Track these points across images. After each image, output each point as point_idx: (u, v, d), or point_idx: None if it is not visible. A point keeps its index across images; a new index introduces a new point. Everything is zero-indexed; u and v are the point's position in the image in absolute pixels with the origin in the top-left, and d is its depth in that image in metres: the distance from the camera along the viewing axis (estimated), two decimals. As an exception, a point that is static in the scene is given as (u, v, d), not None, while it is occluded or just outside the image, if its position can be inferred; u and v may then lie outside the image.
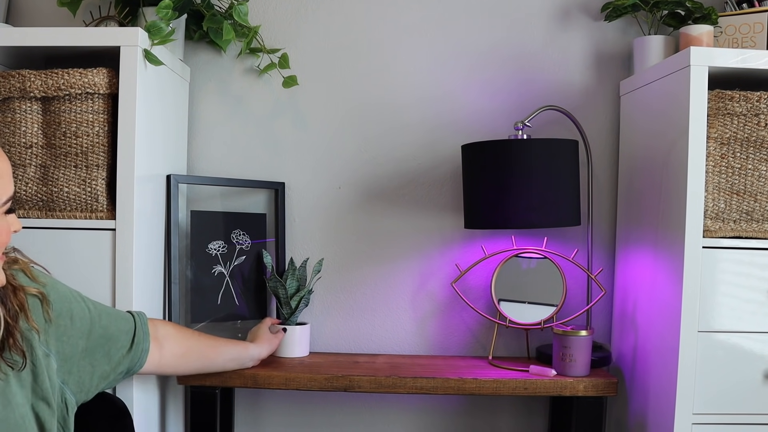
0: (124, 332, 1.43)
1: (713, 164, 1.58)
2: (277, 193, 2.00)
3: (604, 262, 2.00)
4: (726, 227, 1.60)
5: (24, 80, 1.59)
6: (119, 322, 1.43)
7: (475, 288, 2.00)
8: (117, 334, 1.41)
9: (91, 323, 1.35)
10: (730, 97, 1.55)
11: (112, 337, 1.40)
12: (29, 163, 1.63)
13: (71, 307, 1.32)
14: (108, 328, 1.39)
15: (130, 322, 1.46)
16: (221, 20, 1.87)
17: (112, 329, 1.40)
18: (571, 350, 1.72)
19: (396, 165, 2.02)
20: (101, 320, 1.38)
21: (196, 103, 2.02)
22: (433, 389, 1.71)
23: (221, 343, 1.69)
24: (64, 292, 1.33)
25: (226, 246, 1.92)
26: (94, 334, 1.35)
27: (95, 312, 1.37)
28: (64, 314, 1.30)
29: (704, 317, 1.57)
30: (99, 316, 1.37)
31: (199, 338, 1.65)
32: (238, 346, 1.72)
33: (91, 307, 1.37)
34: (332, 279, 2.03)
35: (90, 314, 1.36)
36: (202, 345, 1.64)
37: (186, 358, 1.59)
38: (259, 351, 1.73)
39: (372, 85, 2.02)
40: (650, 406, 1.71)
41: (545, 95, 1.99)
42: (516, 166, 1.71)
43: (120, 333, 1.42)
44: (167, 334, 1.55)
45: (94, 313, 1.37)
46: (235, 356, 1.69)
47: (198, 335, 1.66)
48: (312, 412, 2.06)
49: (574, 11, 2.00)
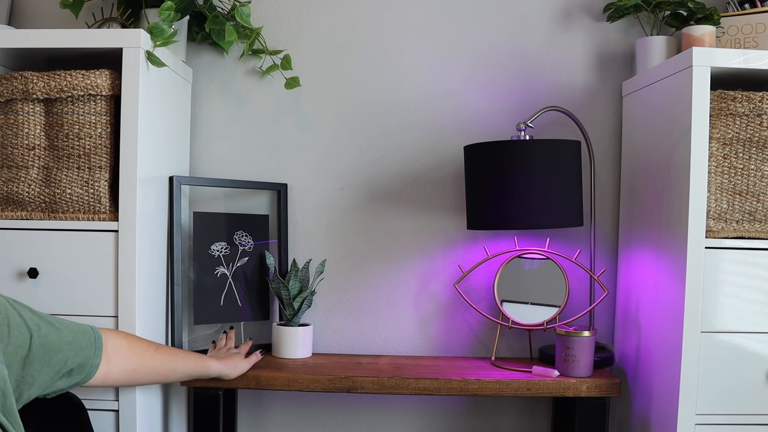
0: (66, 342, 1.35)
1: (716, 165, 1.58)
2: (279, 194, 2.00)
3: (607, 262, 2.00)
4: (729, 228, 1.60)
5: (26, 82, 1.59)
6: (62, 332, 1.35)
7: (478, 289, 2.00)
8: (59, 344, 1.33)
9: (29, 333, 1.27)
10: (732, 98, 1.55)
11: (53, 347, 1.32)
12: (32, 164, 1.63)
13: (8, 315, 1.25)
14: (48, 337, 1.31)
15: (75, 333, 1.38)
16: (223, 22, 1.88)
17: (52, 338, 1.32)
18: (574, 351, 1.72)
19: (398, 166, 2.02)
20: (40, 330, 1.30)
21: (199, 105, 2.03)
22: (436, 390, 1.71)
23: (179, 359, 1.62)
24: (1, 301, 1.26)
25: (229, 247, 1.92)
26: (34, 344, 1.28)
27: (33, 322, 1.30)
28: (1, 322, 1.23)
29: (707, 318, 1.56)
30: (38, 326, 1.30)
31: (153, 354, 1.56)
32: (198, 361, 1.65)
33: (27, 317, 1.29)
34: (335, 280, 2.03)
35: (27, 324, 1.28)
36: (156, 361, 1.56)
37: (136, 374, 1.52)
38: (220, 369, 1.67)
39: (374, 87, 2.02)
40: (653, 407, 1.71)
41: (547, 96, 1.99)
42: (518, 166, 1.71)
43: (62, 343, 1.34)
44: (118, 348, 1.47)
45: (32, 323, 1.29)
46: (191, 372, 1.63)
47: (153, 350, 1.57)
48: (315, 413, 2.06)
49: (576, 12, 2.00)
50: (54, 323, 1.35)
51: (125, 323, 1.60)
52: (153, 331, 1.72)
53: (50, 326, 1.33)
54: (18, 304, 1.30)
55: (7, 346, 1.23)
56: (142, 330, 1.63)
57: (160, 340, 1.78)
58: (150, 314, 1.71)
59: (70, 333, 1.37)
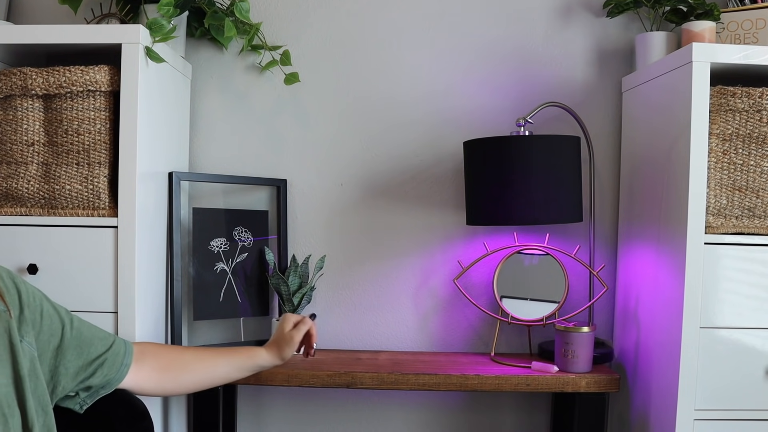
0: (98, 338, 1.37)
1: (715, 160, 1.58)
2: (279, 190, 2.00)
3: (606, 258, 2.00)
4: (728, 223, 1.60)
5: (25, 78, 1.59)
6: (93, 329, 1.38)
7: (478, 284, 2.00)
8: (90, 338, 1.35)
9: (61, 323, 1.31)
10: (732, 93, 1.55)
11: (86, 339, 1.34)
12: (31, 160, 1.63)
13: (42, 304, 1.29)
14: (80, 329, 1.34)
15: (105, 333, 1.40)
16: (223, 17, 1.87)
17: (84, 332, 1.35)
18: (574, 346, 1.73)
19: (398, 161, 2.02)
20: (73, 322, 1.33)
21: (198, 101, 2.03)
22: (436, 385, 1.71)
23: (216, 353, 1.57)
24: (33, 290, 1.29)
25: (228, 243, 1.92)
26: (66, 334, 1.31)
27: (67, 315, 1.33)
28: (35, 308, 1.27)
29: (706, 313, 1.57)
30: (71, 320, 1.33)
31: (183, 351, 1.56)
32: (243, 353, 1.60)
33: (61, 311, 1.33)
34: (334, 276, 2.03)
35: (60, 315, 1.31)
36: (188, 356, 1.53)
37: (168, 372, 1.48)
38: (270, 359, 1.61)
39: (373, 82, 2.02)
40: (652, 403, 1.71)
41: (547, 91, 1.99)
42: (518, 162, 1.71)
43: (94, 338, 1.36)
44: (146, 350, 1.48)
45: (66, 315, 1.33)
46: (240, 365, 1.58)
47: (183, 349, 1.57)
48: (314, 409, 2.06)
49: (575, 7, 2.00)
50: (86, 322, 1.38)
51: (125, 319, 1.60)
52: (153, 327, 1.73)
53: (82, 322, 1.36)
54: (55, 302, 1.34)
55: (39, 333, 1.26)
56: (141, 325, 1.63)
57: (160, 337, 1.78)
58: (149, 310, 1.71)
59: (101, 332, 1.40)
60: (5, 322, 1.20)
